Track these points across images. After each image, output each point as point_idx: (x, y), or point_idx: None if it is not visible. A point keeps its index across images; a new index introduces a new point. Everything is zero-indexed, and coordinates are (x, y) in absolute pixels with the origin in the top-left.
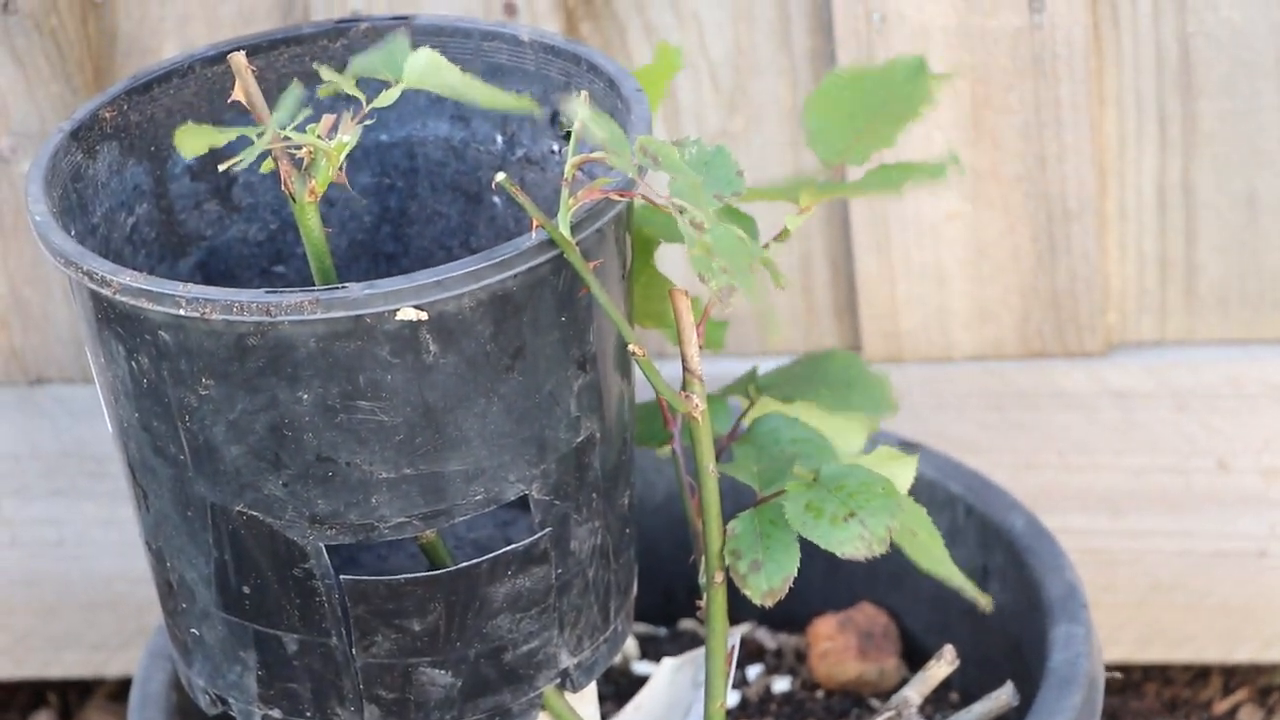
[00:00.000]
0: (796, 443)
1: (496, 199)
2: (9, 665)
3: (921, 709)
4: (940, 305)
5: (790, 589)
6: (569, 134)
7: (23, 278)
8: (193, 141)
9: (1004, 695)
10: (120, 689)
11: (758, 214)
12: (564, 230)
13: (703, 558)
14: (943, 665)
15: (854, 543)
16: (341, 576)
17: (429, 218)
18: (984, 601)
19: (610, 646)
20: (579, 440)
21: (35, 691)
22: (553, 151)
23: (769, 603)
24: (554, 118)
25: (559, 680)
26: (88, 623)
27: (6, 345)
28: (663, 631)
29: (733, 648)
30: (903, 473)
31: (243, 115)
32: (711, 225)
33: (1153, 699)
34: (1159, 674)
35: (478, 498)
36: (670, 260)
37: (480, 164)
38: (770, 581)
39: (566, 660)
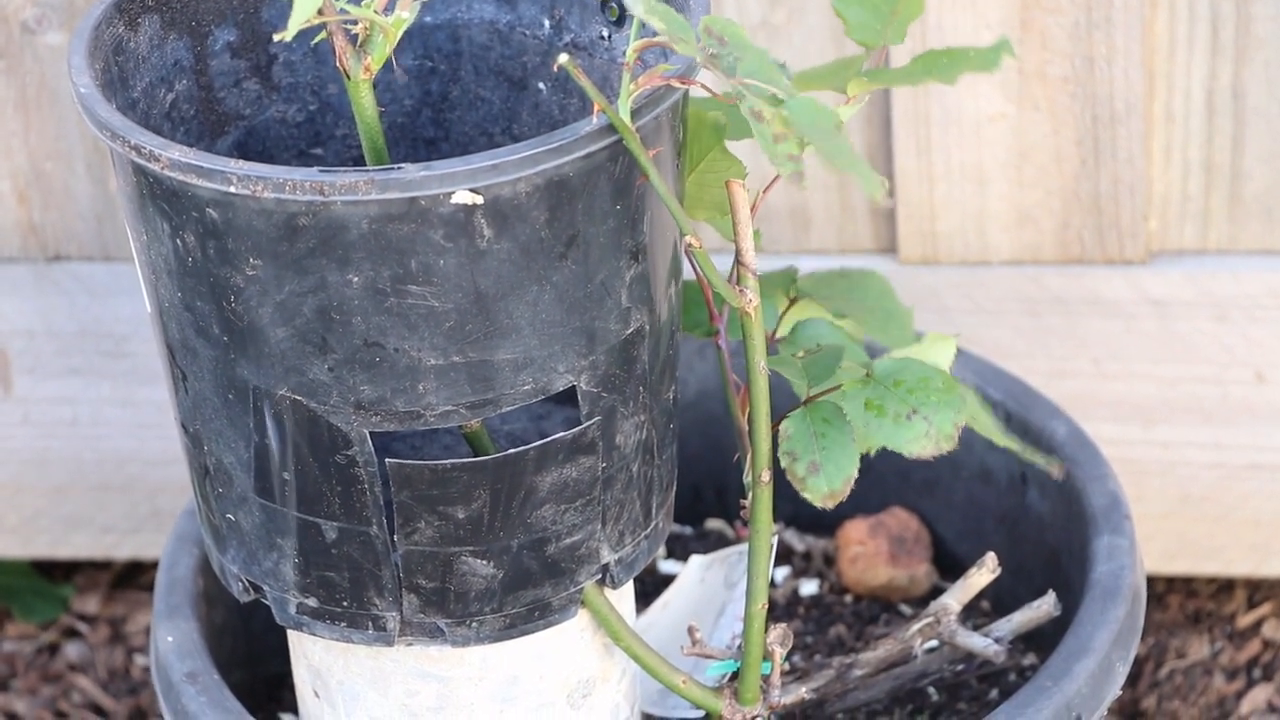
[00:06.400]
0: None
1: (541, 85)
2: (16, 544)
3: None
4: (979, 208)
5: None
6: (619, 19)
7: (44, 152)
8: None
9: (1045, 605)
10: (125, 573)
11: None
12: (624, 116)
13: (749, 456)
14: (984, 573)
15: (920, 441)
16: (387, 460)
17: (471, 103)
18: (1056, 469)
19: (651, 543)
20: (628, 332)
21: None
22: (602, 38)
23: (829, 505)
24: (604, 3)
25: (599, 576)
26: (98, 505)
27: (25, 220)
28: (689, 531)
29: (772, 548)
30: (944, 353)
31: None
32: (788, 97)
33: (1176, 611)
34: (1183, 586)
35: (526, 387)
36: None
37: (525, 49)
38: (831, 483)
39: (608, 555)
